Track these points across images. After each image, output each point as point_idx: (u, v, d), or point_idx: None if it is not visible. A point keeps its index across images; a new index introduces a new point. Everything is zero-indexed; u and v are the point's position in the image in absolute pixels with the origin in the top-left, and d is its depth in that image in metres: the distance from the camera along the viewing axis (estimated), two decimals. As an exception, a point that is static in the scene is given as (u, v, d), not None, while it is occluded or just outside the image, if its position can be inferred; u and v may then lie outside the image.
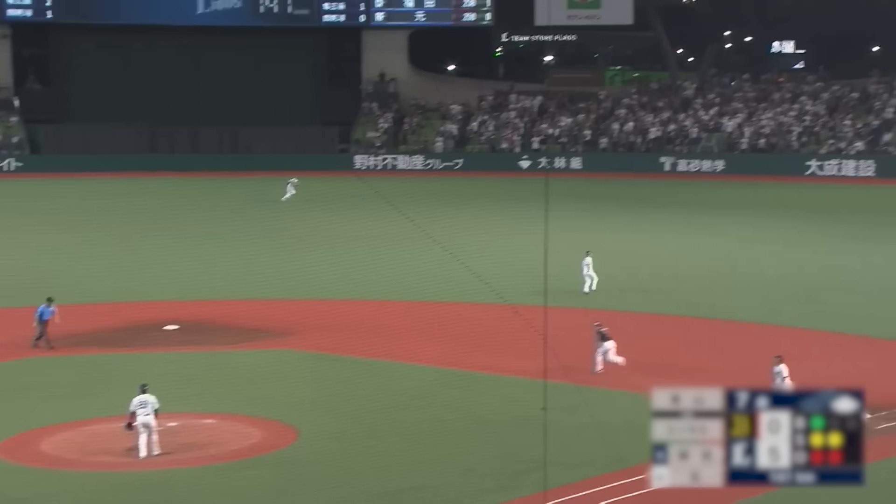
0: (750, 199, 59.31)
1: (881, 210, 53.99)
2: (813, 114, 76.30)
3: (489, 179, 68.53)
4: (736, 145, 74.67)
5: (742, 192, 62.67)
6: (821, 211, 53.90)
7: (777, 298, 33.28)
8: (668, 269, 38.17)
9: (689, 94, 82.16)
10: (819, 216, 51.72)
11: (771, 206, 55.99)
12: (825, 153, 71.02)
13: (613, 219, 50.51)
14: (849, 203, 57.24)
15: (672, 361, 26.40)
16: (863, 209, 54.57)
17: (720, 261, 40.00)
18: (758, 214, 52.65)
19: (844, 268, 38.20)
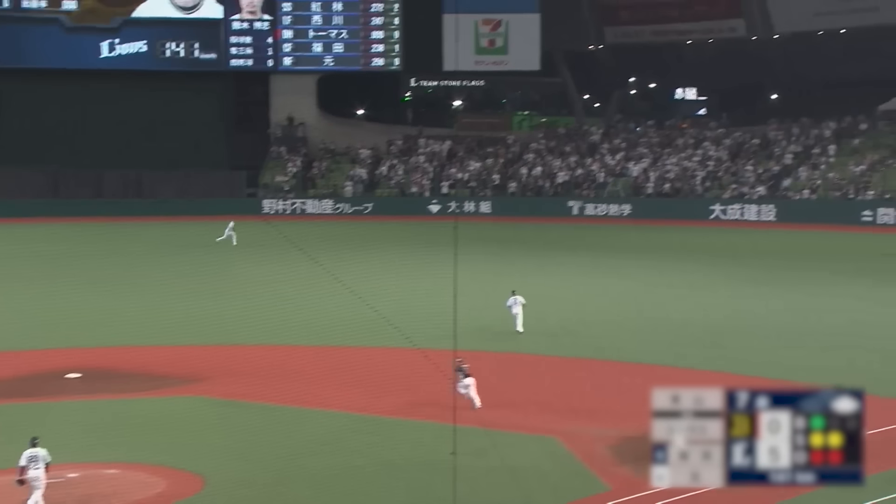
0: (656, 243, 60.31)
1: (782, 254, 55.29)
2: (716, 159, 78.15)
3: (399, 223, 68.67)
4: (642, 190, 75.90)
5: (648, 236, 63.74)
6: (724, 255, 54.90)
7: (682, 342, 33.78)
8: (575, 313, 38.58)
9: (596, 139, 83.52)
10: (723, 260, 52.70)
11: (676, 250, 56.97)
12: (728, 198, 72.67)
13: (522, 262, 50.97)
14: (751, 247, 58.50)
15: (579, 404, 26.68)
16: (765, 253, 55.82)
17: (627, 304, 40.53)
18: (663, 258, 53.51)
19: (747, 311, 38.93)
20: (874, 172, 71.88)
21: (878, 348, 32.61)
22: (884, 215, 67.09)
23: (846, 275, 47.59)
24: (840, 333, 34.96)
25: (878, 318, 37.23)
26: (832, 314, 38.26)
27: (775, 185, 73.63)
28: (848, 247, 57.19)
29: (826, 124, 78.69)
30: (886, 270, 48.58)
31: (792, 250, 56.49)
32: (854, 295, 42.35)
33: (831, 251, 56.07)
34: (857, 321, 36.92)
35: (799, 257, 53.35)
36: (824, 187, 71.64)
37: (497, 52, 78.40)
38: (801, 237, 62.17)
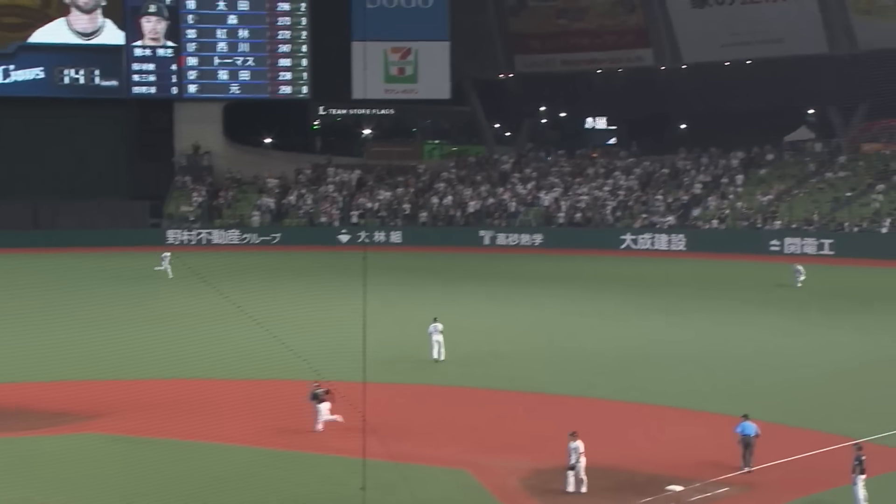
0: (568, 273, 60.70)
1: (692, 283, 56.14)
2: (626, 188, 79.12)
3: (308, 253, 68.25)
4: (553, 219, 76.40)
5: (560, 266, 64.12)
6: (636, 284, 55.54)
7: (594, 372, 34.05)
8: (488, 343, 38.67)
9: (507, 168, 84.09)
10: (634, 289, 53.32)
11: (588, 280, 57.41)
12: (639, 227, 73.72)
13: (434, 292, 50.75)
14: (662, 276, 59.31)
15: (492, 436, 26.73)
16: (675, 282, 56.65)
17: (539, 334, 40.73)
18: (575, 288, 53.90)
19: (659, 341, 39.40)
20: (781, 202, 73.45)
21: (785, 379, 33.27)
22: (791, 245, 68.23)
23: (754, 304, 48.34)
24: (749, 363, 35.54)
25: (784, 348, 38.00)
26: (741, 344, 38.87)
27: (685, 215, 74.76)
28: (756, 276, 58.17)
29: (734, 154, 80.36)
30: (791, 299, 49.55)
31: (702, 280, 57.40)
32: (762, 324, 43.10)
33: (740, 280, 57.00)
34: (765, 351, 37.61)
35: (709, 287, 54.17)
36: (733, 217, 72.94)
37: (407, 80, 78.77)
38: (711, 266, 63.19)
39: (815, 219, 70.31)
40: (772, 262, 62.09)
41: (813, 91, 75.57)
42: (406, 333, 39.57)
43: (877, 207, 69.75)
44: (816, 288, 52.99)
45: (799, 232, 69.22)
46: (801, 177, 76.56)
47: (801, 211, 71.57)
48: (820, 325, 43.07)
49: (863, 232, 68.04)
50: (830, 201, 72.04)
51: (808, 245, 68.18)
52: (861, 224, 68.59)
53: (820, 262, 64.47)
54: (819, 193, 73.52)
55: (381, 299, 41.68)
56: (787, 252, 67.53)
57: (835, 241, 67.52)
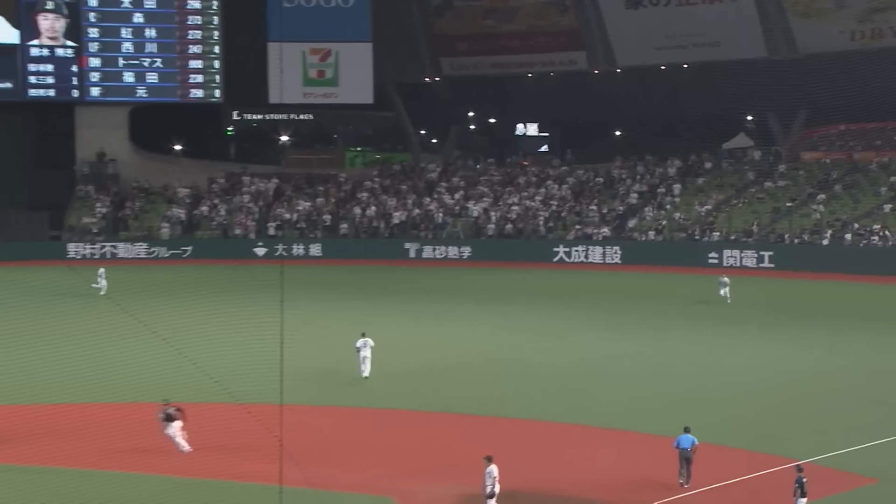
0: (499, 287, 60.89)
1: (628, 297, 56.64)
2: (559, 198, 79.53)
3: (221, 268, 67.62)
4: (482, 230, 76.50)
5: (490, 280, 64.30)
6: (570, 298, 55.81)
7: (526, 391, 34.08)
8: (415, 361, 38.60)
9: (434, 176, 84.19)
10: (568, 304, 53.58)
11: (520, 294, 57.62)
12: (572, 239, 74.09)
13: (357, 308, 50.63)
14: (597, 290, 59.69)
15: (419, 460, 26.68)
16: (610, 296, 57.09)
17: (469, 352, 40.72)
18: (507, 303, 54.06)
19: (595, 357, 39.62)
20: (719, 213, 74.36)
21: (724, 396, 33.56)
22: (730, 257, 68.91)
23: (693, 319, 48.86)
24: (688, 380, 35.85)
25: (723, 364, 38.41)
26: (680, 360, 39.22)
27: (620, 226, 75.20)
28: (694, 290, 58.71)
29: (671, 162, 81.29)
30: (730, 314, 50.07)
31: (639, 293, 57.86)
32: (701, 340, 43.60)
33: (678, 294, 57.55)
34: (704, 367, 37.97)
35: (646, 301, 54.58)
36: (670, 228, 73.65)
37: (327, 83, 78.53)
38: (648, 280, 63.76)
39: (754, 230, 71.24)
40: (710, 275, 62.54)
41: (751, 97, 76.42)
42: (327, 352, 39.23)
43: (817, 218, 70.89)
44: (758, 301, 53.69)
45: (738, 244, 69.97)
46: (740, 186, 77.57)
47: (741, 222, 72.39)
48: (760, 339, 43.62)
49: (803, 244, 69.02)
50: (770, 212, 73.09)
51: (748, 257, 68.88)
52: (801, 236, 69.72)
53: (760, 275, 65.53)
54: (758, 204, 74.55)
55: (301, 316, 41.34)
56: (727, 265, 68.15)
57: (774, 254, 68.29)
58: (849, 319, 48.88)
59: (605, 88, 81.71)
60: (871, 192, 73.05)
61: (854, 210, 71.24)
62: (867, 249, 66.95)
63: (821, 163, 77.66)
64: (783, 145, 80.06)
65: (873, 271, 63.90)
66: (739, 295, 54.16)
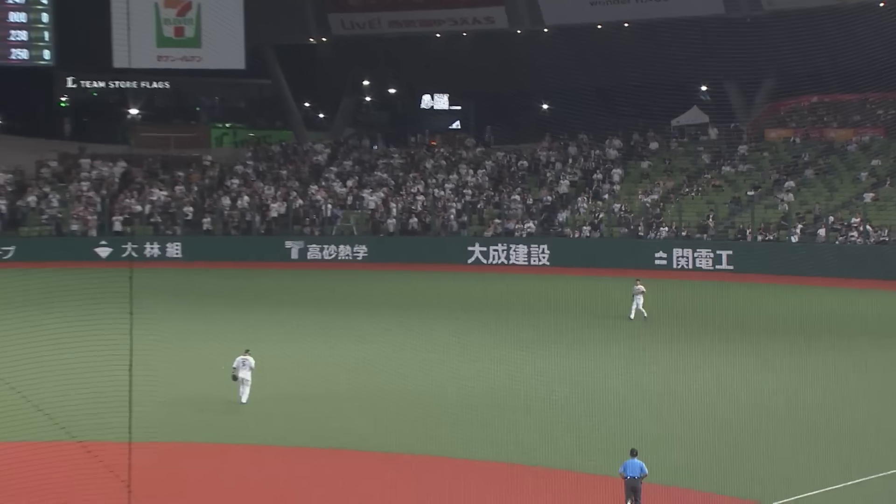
0: (400, 295, 60.86)
1: (557, 307, 55.80)
2: (475, 187, 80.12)
3: (54, 272, 66.08)
4: (381, 226, 76.97)
5: (390, 286, 64.27)
6: (487, 309, 55.64)
7: (433, 421, 34.03)
8: (296, 387, 38.33)
9: (321, 159, 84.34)
10: (485, 316, 53.30)
11: (426, 304, 57.63)
12: (491, 236, 74.57)
13: (226, 322, 50.64)
14: (520, 298, 59.40)
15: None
16: (536, 306, 56.69)
17: (362, 374, 40.45)
18: (410, 314, 53.99)
19: (515, 381, 39.19)
20: (668, 204, 75.15)
21: (672, 428, 33.70)
22: (681, 258, 70.39)
23: (634, 333, 49.14)
24: (629, 409, 35.91)
25: (668, 389, 38.39)
26: (618, 384, 39.31)
27: (549, 220, 75.94)
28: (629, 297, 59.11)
29: (610, 142, 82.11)
30: (687, 328, 49.85)
31: (570, 302, 57.33)
32: (644, 358, 43.61)
33: (618, 303, 56.41)
34: (648, 392, 38.07)
35: (578, 311, 54.22)
36: (609, 223, 74.33)
37: (187, 43, 77.87)
38: (580, 285, 63.10)
39: (710, 225, 72.13)
40: (659, 279, 62.81)
41: (706, 63, 76.10)
42: (188, 376, 39.10)
43: (785, 210, 72.01)
44: (712, 311, 54.08)
45: (690, 241, 71.10)
46: (693, 171, 78.72)
47: (693, 214, 73.44)
48: (719, 358, 43.84)
49: (768, 242, 70.23)
50: (729, 202, 74.25)
51: (702, 258, 70.16)
52: (766, 232, 70.59)
53: (716, 279, 66.57)
54: (715, 193, 75.69)
55: (154, 332, 40.31)
56: (677, 267, 69.63)
57: (734, 253, 69.56)
58: (822, 335, 48.93)
59: (530, 52, 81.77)
60: (849, 179, 74.49)
61: (829, 200, 72.64)
62: (845, 248, 68.02)
63: (789, 142, 79.22)
64: (744, 121, 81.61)
65: (852, 274, 64.90)
66: (689, 303, 54.51)
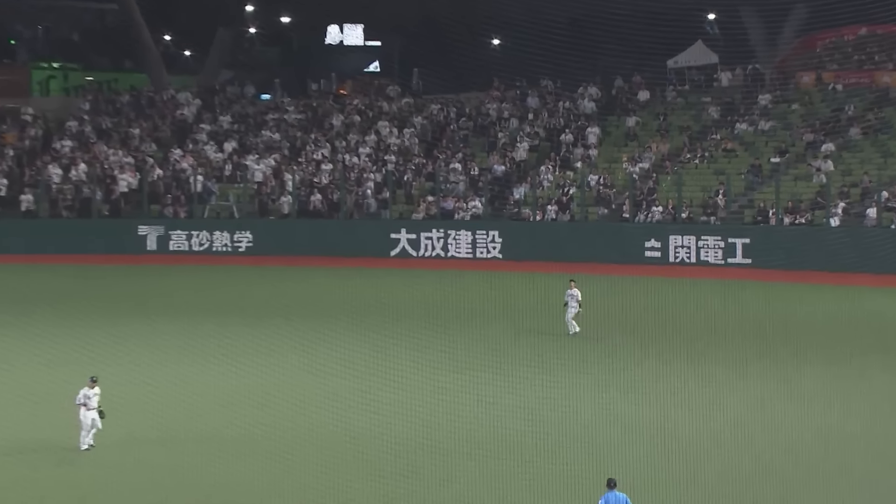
0: (299, 299, 61.25)
1: (509, 315, 55.99)
2: (401, 151, 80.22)
3: None
4: (271, 206, 77.65)
5: (286, 287, 64.83)
6: (415, 318, 55.55)
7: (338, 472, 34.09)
8: (149, 427, 38.35)
9: (188, 114, 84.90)
10: (412, 327, 53.08)
11: (332, 312, 57.27)
12: (423, 219, 74.63)
13: (57, 337, 50.63)
14: (459, 303, 59.14)
15: None
16: (481, 314, 56.66)
17: (242, 409, 40.47)
18: (309, 326, 53.73)
19: (443, 416, 39.11)
20: (662, 175, 75.23)
21: (663, 472, 33.60)
22: (680, 248, 70.47)
23: (600, 350, 49.31)
24: (590, 442, 36.34)
25: (653, 420, 38.69)
26: (579, 413, 39.44)
27: (501, 198, 75.85)
28: (627, 302, 58.38)
29: (584, 91, 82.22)
30: (664, 343, 49.71)
31: (525, 309, 57.30)
32: (620, 385, 43.50)
33: (600, 307, 55.93)
34: (620, 422, 38.54)
35: (533, 321, 54.82)
36: (582, 201, 74.13)
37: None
38: (545, 285, 61.57)
39: (718, 203, 72.07)
40: (649, 278, 64.49)
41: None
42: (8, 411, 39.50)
43: (822, 183, 72.09)
44: (727, 321, 54.04)
45: (693, 227, 71.24)
46: (697, 131, 78.92)
47: (698, 189, 73.49)
48: (730, 384, 43.73)
49: (798, 227, 70.14)
50: (746, 172, 74.44)
51: (710, 248, 70.23)
52: (796, 213, 70.32)
53: (729, 276, 66.70)
54: (727, 160, 75.68)
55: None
56: (674, 260, 70.02)
57: (752, 242, 69.76)
58: (870, 351, 49.26)
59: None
60: (908, 140, 74.60)
61: (882, 169, 72.96)
62: (903, 236, 68.46)
63: (827, 90, 79.69)
64: (767, 62, 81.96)
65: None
66: (688, 310, 55.83)
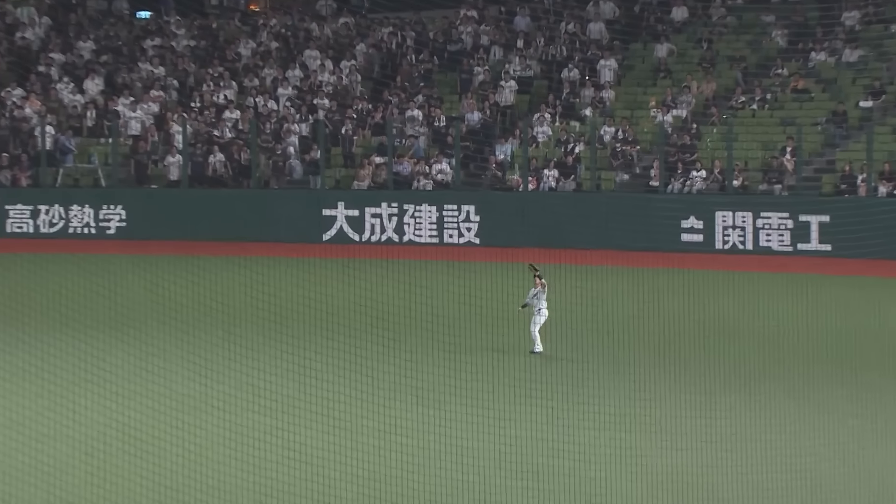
0: (185, 300, 58.89)
1: (485, 325, 56.99)
2: (336, 93, 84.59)
3: None
4: (147, 170, 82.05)
5: (168, 280, 62.25)
6: (352, 328, 54.70)
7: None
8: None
9: (32, 37, 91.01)
10: (348, 340, 51.94)
11: (238, 318, 58.44)
12: (367, 189, 78.95)
13: None
14: (415, 306, 58.67)
15: None
16: (444, 322, 56.35)
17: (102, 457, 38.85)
18: (201, 337, 54.01)
19: (389, 462, 38.58)
20: (705, 126, 77.54)
21: None
22: (730, 230, 72.98)
23: (602, 365, 50.08)
24: None
25: None
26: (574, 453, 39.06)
27: (479, 159, 79.11)
28: (635, 300, 61.60)
29: (595, 7, 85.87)
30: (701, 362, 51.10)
31: (505, 316, 57.26)
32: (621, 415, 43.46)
33: (590, 316, 58.65)
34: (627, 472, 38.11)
35: (518, 332, 55.67)
36: (592, 163, 75.99)
37: None
38: (523, 281, 63.48)
39: (786, 167, 74.55)
40: (687, 271, 66.58)
41: None
42: None
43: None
44: (797, 332, 54.98)
45: (749, 200, 74.06)
46: (755, 63, 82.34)
47: (756, 147, 76.60)
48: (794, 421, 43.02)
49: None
50: (824, 122, 77.21)
51: (773, 229, 72.68)
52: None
53: (800, 269, 69.64)
54: (797, 105, 78.94)
55: None
56: (723, 246, 72.80)
57: (833, 221, 71.93)
58: None
59: None
60: None
61: None
62: None
63: None
64: None
65: None
66: (739, 315, 58.03)
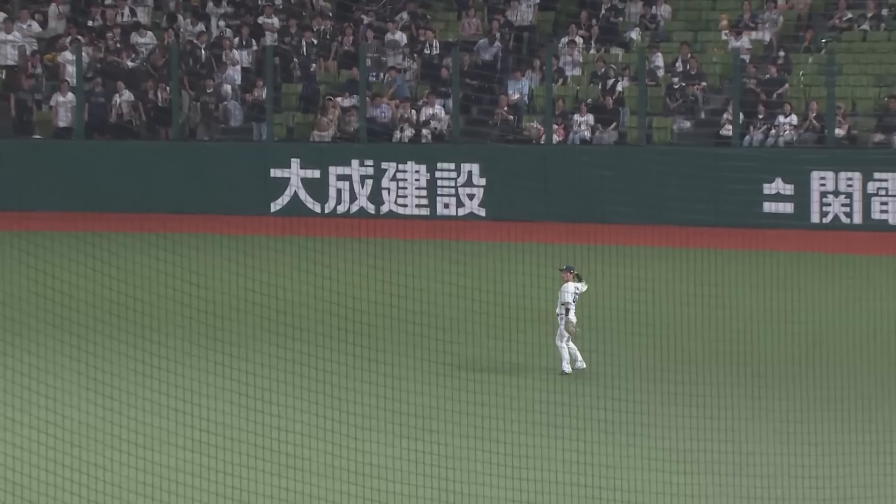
0: (83, 294, 60.84)
1: (485, 330, 58.09)
2: (292, 9, 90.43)
3: None
4: (31, 115, 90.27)
5: (60, 267, 64.08)
6: (319, 330, 56.23)
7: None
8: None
9: None
10: (307, 348, 53.61)
11: (157, 317, 58.65)
12: (333, 142, 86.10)
13: None
14: (389, 303, 61.09)
15: None
16: (435, 324, 57.80)
17: None
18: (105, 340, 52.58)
19: None
20: (795, 55, 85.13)
21: None
22: (831, 198, 79.68)
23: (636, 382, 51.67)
24: None
25: None
26: None
27: (484, 100, 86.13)
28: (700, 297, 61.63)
29: None
30: None
31: (514, 318, 58.91)
32: None
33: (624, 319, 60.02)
34: None
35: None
36: (640, 106, 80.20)
37: None
38: (541, 268, 64.86)
39: None
40: (774, 252, 71.30)
41: None
42: None
43: None
44: None
45: (858, 156, 79.86)
46: None
47: (868, 84, 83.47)
48: None
49: None
50: None
51: (889, 197, 79.16)
52: None
53: None
54: None
55: None
56: (822, 220, 79.26)
57: None
58: None
59: None
60: None
61: None
62: None
63: None
64: None
65: None
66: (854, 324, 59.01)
